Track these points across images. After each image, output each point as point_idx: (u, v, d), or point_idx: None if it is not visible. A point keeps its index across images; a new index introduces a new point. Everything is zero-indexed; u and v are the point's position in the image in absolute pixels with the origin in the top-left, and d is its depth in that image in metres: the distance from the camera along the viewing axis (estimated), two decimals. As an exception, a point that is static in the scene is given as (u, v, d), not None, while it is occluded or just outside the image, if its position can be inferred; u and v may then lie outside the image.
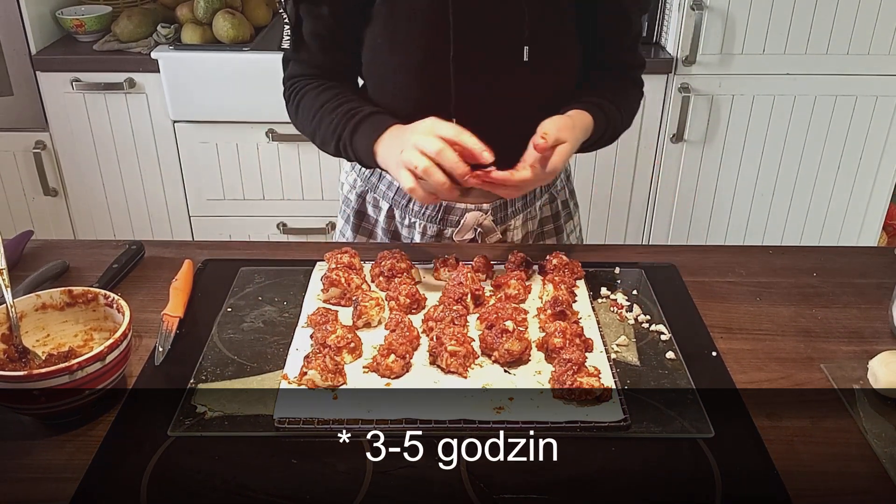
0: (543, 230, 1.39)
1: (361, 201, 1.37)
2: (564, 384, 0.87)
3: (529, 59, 1.16)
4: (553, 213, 1.40)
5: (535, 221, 1.38)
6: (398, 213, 1.33)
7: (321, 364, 0.89)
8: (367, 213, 1.37)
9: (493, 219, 1.31)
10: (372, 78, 1.26)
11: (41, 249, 1.21)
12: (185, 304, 1.05)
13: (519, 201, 1.33)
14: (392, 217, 1.34)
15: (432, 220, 1.31)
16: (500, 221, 1.33)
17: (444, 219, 1.31)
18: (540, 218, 1.38)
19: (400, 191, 1.31)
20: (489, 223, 1.31)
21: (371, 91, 1.27)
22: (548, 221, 1.39)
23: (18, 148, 2.44)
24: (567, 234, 1.42)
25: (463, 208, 1.30)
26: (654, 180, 2.50)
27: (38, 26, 2.35)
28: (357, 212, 1.38)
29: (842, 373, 0.94)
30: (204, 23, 2.39)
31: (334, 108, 1.19)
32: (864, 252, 1.27)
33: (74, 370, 0.80)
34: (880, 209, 2.54)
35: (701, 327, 1.03)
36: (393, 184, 1.32)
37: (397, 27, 1.17)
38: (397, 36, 1.17)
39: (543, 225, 1.39)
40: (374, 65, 1.24)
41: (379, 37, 1.19)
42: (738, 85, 2.34)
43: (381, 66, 1.22)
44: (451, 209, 1.30)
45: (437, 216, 1.31)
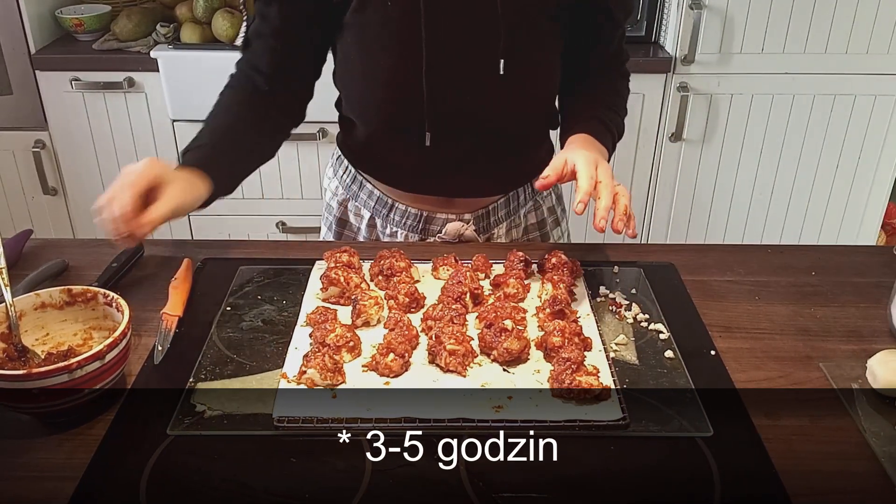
0: (529, 238, 1.38)
1: (343, 209, 1.36)
2: (563, 383, 0.87)
3: (505, 72, 1.14)
4: (539, 221, 1.38)
5: (521, 229, 1.37)
6: (379, 222, 1.33)
7: (320, 363, 0.89)
8: (349, 221, 1.36)
9: (475, 228, 1.30)
10: (345, 90, 1.25)
11: (40, 248, 1.21)
12: (184, 303, 1.05)
13: (502, 210, 1.33)
14: (373, 226, 1.33)
15: (413, 229, 1.31)
16: (484, 231, 1.32)
17: (426, 228, 1.31)
18: (525, 226, 1.37)
19: (381, 200, 1.31)
20: (471, 233, 1.30)
21: (345, 103, 1.26)
22: (533, 229, 1.38)
23: (18, 147, 2.44)
24: (554, 241, 1.41)
25: (444, 218, 1.30)
26: (653, 179, 2.51)
27: (37, 25, 2.35)
28: (339, 219, 1.37)
29: (840, 372, 0.94)
30: (203, 22, 2.39)
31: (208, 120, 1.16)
32: (863, 251, 1.27)
33: (73, 369, 0.80)
34: (879, 208, 2.55)
35: (700, 326, 1.03)
36: (374, 192, 1.31)
37: (369, 40, 1.15)
38: (369, 49, 1.16)
39: (529, 233, 1.38)
40: (346, 77, 1.23)
41: (351, 49, 1.18)
42: (736, 84, 2.34)
43: (353, 79, 1.22)
44: (432, 219, 1.30)
45: (419, 226, 1.30)
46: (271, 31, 1.16)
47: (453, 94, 1.16)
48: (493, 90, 1.17)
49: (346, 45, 1.19)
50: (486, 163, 1.26)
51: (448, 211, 1.30)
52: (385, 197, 1.31)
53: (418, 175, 1.27)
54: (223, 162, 1.13)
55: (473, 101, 1.18)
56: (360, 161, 1.32)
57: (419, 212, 1.29)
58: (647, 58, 2.35)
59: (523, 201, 1.35)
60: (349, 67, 1.22)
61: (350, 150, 1.32)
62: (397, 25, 1.12)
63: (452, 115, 1.18)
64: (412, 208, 1.30)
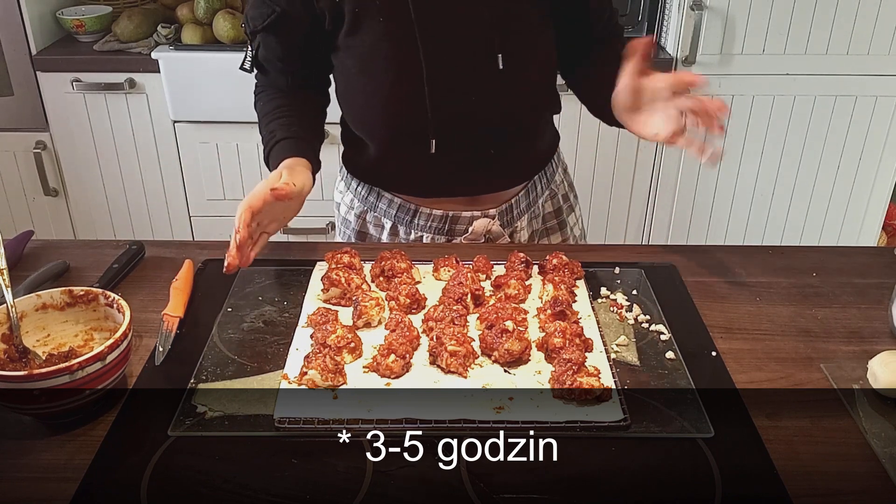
0: (547, 226, 1.39)
1: (362, 222, 1.36)
2: (564, 384, 0.87)
3: (504, 65, 1.15)
4: (555, 209, 1.39)
5: (539, 219, 1.38)
6: (402, 229, 1.32)
7: (321, 364, 0.89)
8: (369, 233, 1.36)
9: (500, 223, 1.31)
10: (348, 108, 1.26)
11: (41, 249, 1.21)
12: (185, 304, 1.05)
13: (523, 202, 1.33)
14: (396, 234, 1.33)
15: (440, 231, 1.31)
16: (507, 224, 1.32)
17: (452, 229, 1.31)
18: (542, 215, 1.38)
19: (402, 207, 1.31)
20: (497, 228, 1.31)
21: (349, 121, 1.27)
22: (550, 217, 1.39)
23: (19, 148, 2.45)
24: (570, 226, 1.42)
25: (469, 216, 1.30)
26: (654, 180, 2.50)
27: (38, 26, 2.35)
28: (358, 232, 1.37)
29: (841, 373, 0.94)
30: (204, 23, 2.39)
31: (266, 124, 1.23)
32: (864, 252, 1.27)
33: (75, 370, 0.80)
34: (880, 209, 2.55)
35: (700, 327, 1.03)
36: (394, 201, 1.31)
37: (366, 60, 1.17)
38: (368, 69, 1.17)
39: (547, 221, 1.39)
40: (348, 96, 1.24)
41: (350, 71, 1.19)
42: (737, 85, 2.34)
43: (355, 99, 1.23)
44: (457, 219, 1.30)
45: (444, 227, 1.30)
46: (278, 57, 1.22)
47: (456, 97, 1.17)
48: (495, 85, 1.18)
49: (345, 67, 1.20)
50: (494, 157, 1.26)
51: (473, 208, 1.30)
52: (407, 203, 1.30)
53: (431, 181, 1.28)
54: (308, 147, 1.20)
55: (476, 101, 1.19)
56: (371, 177, 1.32)
57: (444, 213, 1.29)
58: (647, 59, 2.35)
59: (540, 191, 1.36)
60: (350, 88, 1.23)
61: (359, 168, 1.33)
62: (393, 41, 1.13)
63: (456, 118, 1.19)
64: (436, 210, 1.30)
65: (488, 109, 1.20)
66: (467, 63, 1.16)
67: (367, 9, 1.12)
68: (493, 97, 1.19)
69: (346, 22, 1.13)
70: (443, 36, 1.13)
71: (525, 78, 1.21)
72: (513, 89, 1.19)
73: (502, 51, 1.14)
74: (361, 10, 1.12)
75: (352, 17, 1.13)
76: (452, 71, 1.15)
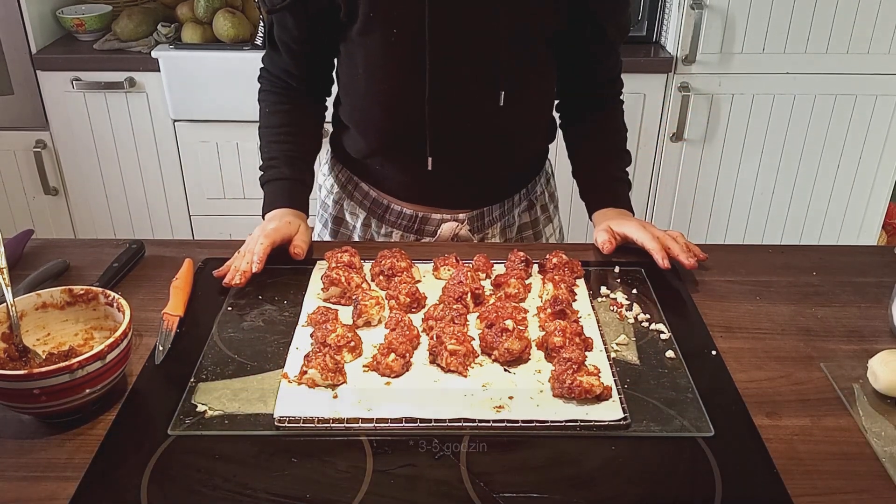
0: (522, 236, 1.39)
1: (339, 207, 1.37)
2: (564, 383, 0.87)
3: (505, 103, 1.17)
4: (532, 220, 1.39)
5: (514, 229, 1.38)
6: (374, 222, 1.34)
7: (321, 363, 0.89)
8: (345, 220, 1.37)
9: (469, 228, 1.32)
10: (347, 98, 1.27)
11: (41, 248, 1.21)
12: (185, 303, 1.05)
13: (497, 210, 1.34)
14: (368, 225, 1.34)
15: (408, 229, 1.32)
16: (478, 230, 1.33)
17: (420, 229, 1.32)
18: (518, 225, 1.38)
19: (375, 200, 1.32)
20: (465, 233, 1.32)
21: (345, 110, 1.28)
22: (526, 228, 1.39)
23: (19, 147, 2.45)
24: (546, 237, 1.42)
25: (439, 218, 1.31)
26: (654, 179, 2.51)
27: (38, 25, 2.35)
28: (335, 217, 1.38)
29: (841, 372, 0.94)
30: (204, 22, 2.39)
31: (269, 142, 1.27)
32: (864, 251, 1.27)
33: (75, 369, 0.80)
34: (880, 208, 2.55)
35: (701, 326, 1.03)
36: (369, 193, 1.33)
37: (373, 62, 1.17)
38: (373, 71, 1.18)
39: (522, 231, 1.39)
40: (350, 88, 1.25)
41: (357, 67, 1.20)
42: (737, 84, 2.34)
43: (356, 93, 1.23)
44: (426, 219, 1.31)
45: (413, 226, 1.32)
46: (292, 39, 1.22)
47: (454, 122, 1.19)
48: (493, 119, 1.20)
49: (353, 61, 1.20)
50: (484, 179, 1.30)
51: (443, 212, 1.31)
52: (381, 198, 1.31)
53: (416, 190, 1.30)
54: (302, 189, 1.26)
55: (474, 129, 1.21)
56: (357, 169, 1.33)
57: (414, 213, 1.31)
58: (647, 58, 2.35)
59: (517, 201, 1.36)
60: (353, 84, 1.23)
61: (347, 157, 1.33)
62: (401, 54, 1.14)
63: (453, 140, 1.21)
64: (407, 209, 1.31)
65: (484, 139, 1.23)
66: (470, 95, 1.18)
67: (382, 16, 1.12)
68: (491, 129, 1.22)
69: (359, 21, 1.14)
70: (451, 62, 1.14)
71: (523, 115, 1.23)
72: (510, 125, 1.22)
73: (505, 89, 1.16)
74: (376, 16, 1.12)
75: (365, 19, 1.13)
76: (454, 99, 1.17)
